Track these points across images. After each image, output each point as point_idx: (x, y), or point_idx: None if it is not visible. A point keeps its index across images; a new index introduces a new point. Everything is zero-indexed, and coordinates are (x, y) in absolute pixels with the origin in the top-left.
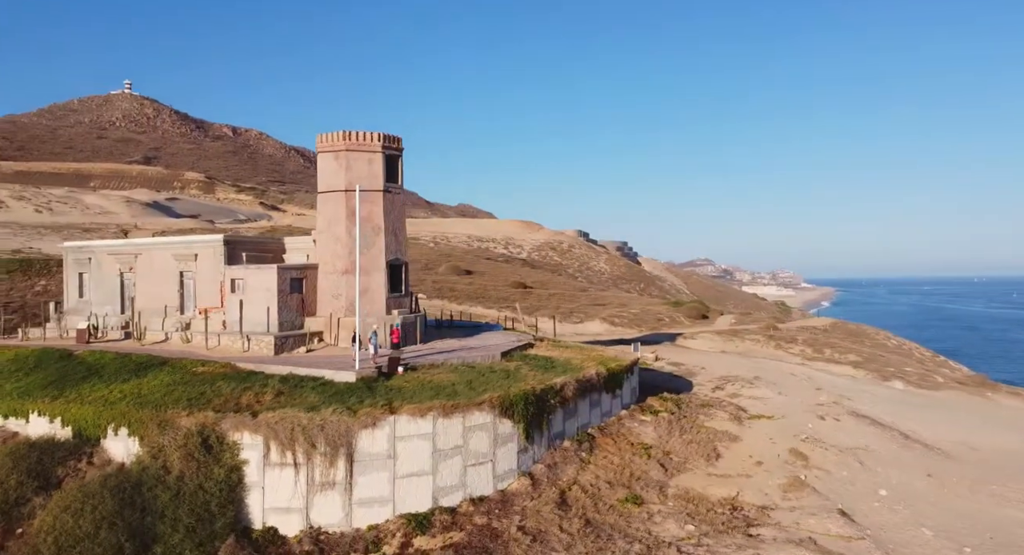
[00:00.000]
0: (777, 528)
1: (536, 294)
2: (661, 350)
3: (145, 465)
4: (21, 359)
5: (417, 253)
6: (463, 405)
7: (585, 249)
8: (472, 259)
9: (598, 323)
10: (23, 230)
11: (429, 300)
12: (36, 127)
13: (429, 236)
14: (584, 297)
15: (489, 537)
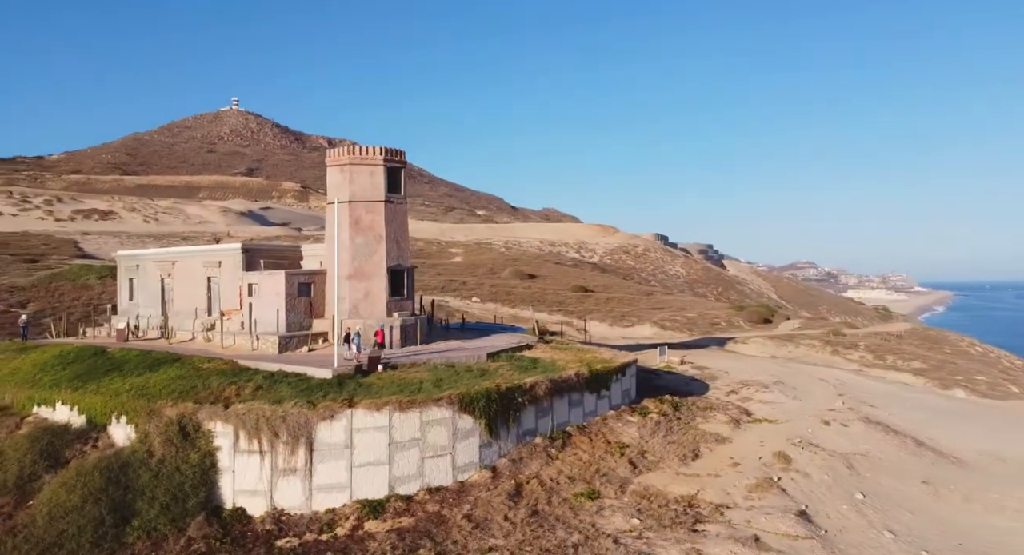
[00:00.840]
0: (725, 525)
1: (595, 298)
2: (698, 354)
3: (134, 449)
4: (64, 355)
5: (484, 258)
6: (420, 401)
7: (661, 252)
8: (539, 263)
9: (648, 327)
10: (129, 239)
11: (483, 303)
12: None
13: (501, 241)
14: (645, 301)
15: (435, 523)
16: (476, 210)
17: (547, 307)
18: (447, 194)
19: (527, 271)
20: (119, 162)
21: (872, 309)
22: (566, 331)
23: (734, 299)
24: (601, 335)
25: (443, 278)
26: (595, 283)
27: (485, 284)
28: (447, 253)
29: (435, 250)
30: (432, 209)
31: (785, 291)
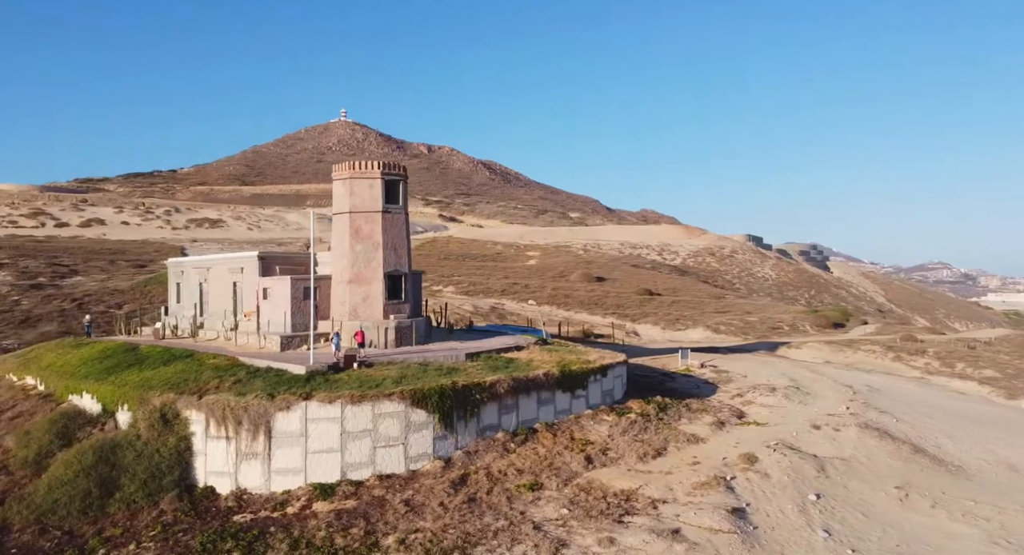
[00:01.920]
0: (652, 518)
1: (657, 301)
2: (731, 359)
3: (126, 432)
4: (104, 351)
5: (558, 261)
6: (372, 395)
7: (750, 254)
8: (614, 266)
9: (701, 330)
10: (230, 245)
11: (539, 306)
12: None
13: (581, 244)
14: (712, 304)
15: (375, 506)
16: (569, 212)
17: (603, 310)
18: (542, 197)
19: (598, 274)
20: (239, 173)
21: (1002, 314)
22: (615, 334)
23: (827, 302)
24: (650, 338)
25: (507, 281)
26: (666, 286)
27: (548, 287)
28: (523, 256)
29: (512, 253)
30: (524, 212)
31: (896, 294)
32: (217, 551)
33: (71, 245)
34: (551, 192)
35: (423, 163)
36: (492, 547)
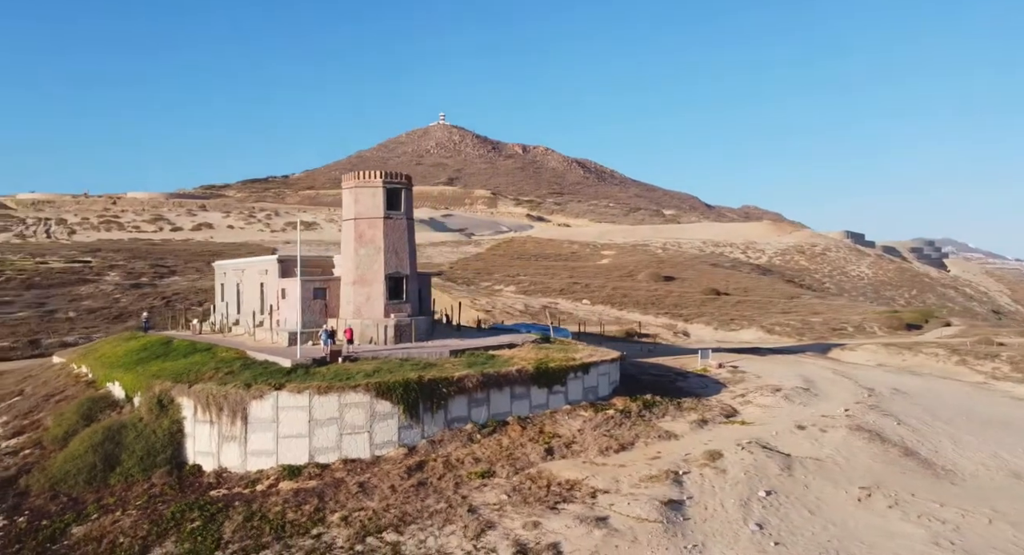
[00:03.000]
0: (585, 507)
1: (721, 301)
2: (760, 360)
3: (132, 415)
4: (146, 344)
5: (632, 260)
6: (338, 386)
7: (845, 252)
8: (689, 265)
9: (754, 331)
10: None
11: (592, 306)
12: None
13: (660, 243)
14: (780, 304)
15: (333, 486)
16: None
17: (659, 309)
18: (637, 195)
19: (668, 273)
20: None
21: None
22: (661, 334)
23: (930, 302)
24: (699, 338)
25: (569, 281)
26: (738, 285)
27: (609, 286)
28: (598, 255)
29: (587, 253)
30: (614, 211)
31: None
32: (184, 520)
33: (179, 248)
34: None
35: (517, 163)
36: (424, 526)
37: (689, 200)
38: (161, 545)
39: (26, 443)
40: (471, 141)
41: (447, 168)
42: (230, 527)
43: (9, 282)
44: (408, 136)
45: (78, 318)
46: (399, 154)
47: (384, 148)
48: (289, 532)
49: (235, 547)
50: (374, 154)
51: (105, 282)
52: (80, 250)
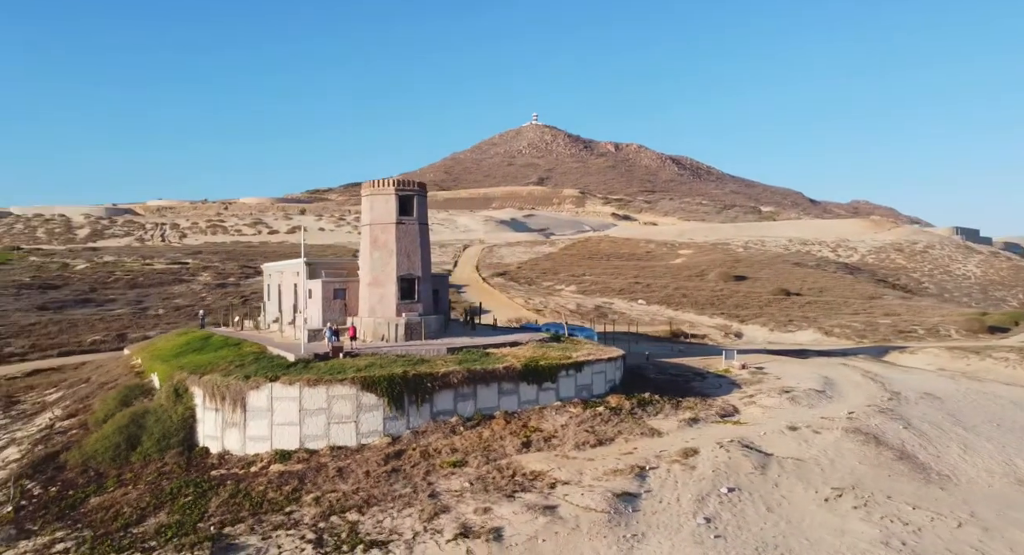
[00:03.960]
0: (541, 496)
1: (789, 301)
2: (790, 362)
3: (156, 402)
4: (192, 339)
5: (707, 259)
6: (326, 379)
7: (951, 249)
8: (767, 264)
9: (810, 333)
10: None
11: (648, 306)
12: (467, 161)
13: (742, 241)
14: (856, 305)
15: (315, 470)
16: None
17: (716, 310)
18: (733, 191)
19: (741, 273)
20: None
21: None
22: (710, 335)
23: None
24: (751, 339)
25: (631, 281)
26: (815, 285)
27: (671, 286)
28: (673, 254)
29: (663, 252)
30: (706, 208)
31: None
32: (180, 494)
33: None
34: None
35: (609, 161)
36: (385, 508)
37: (791, 196)
38: (155, 515)
39: (74, 424)
40: (563, 140)
41: (538, 168)
42: (216, 502)
43: (117, 282)
44: (501, 137)
45: (165, 315)
46: (491, 155)
47: (477, 150)
48: (265, 509)
49: (215, 520)
50: (467, 156)
51: (197, 282)
52: (184, 252)
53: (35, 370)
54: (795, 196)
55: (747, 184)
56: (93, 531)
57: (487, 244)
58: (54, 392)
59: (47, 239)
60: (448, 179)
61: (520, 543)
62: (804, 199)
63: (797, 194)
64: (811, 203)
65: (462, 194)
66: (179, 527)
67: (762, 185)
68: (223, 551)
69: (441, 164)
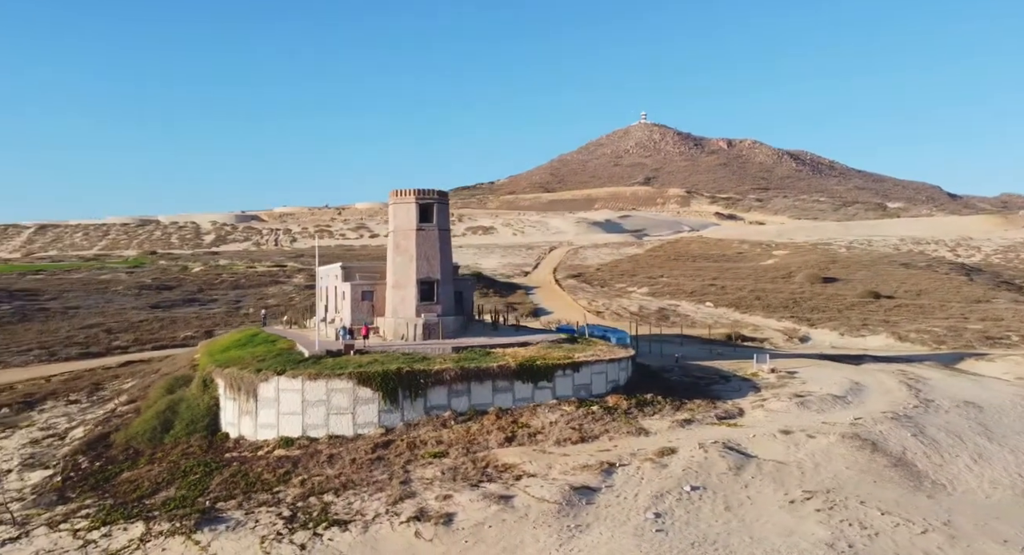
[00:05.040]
0: (503, 486)
1: (875, 305)
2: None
3: (190, 390)
4: (243, 336)
5: (801, 260)
6: (325, 373)
7: None
8: (867, 265)
9: (883, 338)
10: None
11: (715, 308)
12: (574, 162)
13: (846, 241)
14: (953, 309)
15: (309, 456)
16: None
17: (788, 313)
18: (858, 187)
19: (833, 275)
20: (543, 181)
21: None
22: (771, 338)
23: None
24: (817, 343)
25: (706, 283)
26: (916, 287)
27: (747, 289)
28: (767, 255)
29: (756, 253)
30: (822, 205)
31: None
32: (190, 473)
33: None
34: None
35: (720, 159)
36: (359, 492)
37: (927, 190)
38: (167, 490)
39: (131, 409)
40: (671, 139)
41: (645, 168)
42: (217, 480)
43: (222, 283)
44: (608, 138)
45: (254, 314)
46: (598, 156)
47: (584, 151)
48: (257, 488)
49: (213, 495)
50: (574, 157)
51: (290, 284)
52: (288, 256)
53: (128, 362)
54: (931, 190)
55: (875, 178)
56: (114, 500)
57: (574, 246)
58: (130, 381)
59: (179, 244)
60: (553, 181)
61: (467, 528)
62: (941, 194)
63: (933, 188)
64: (949, 198)
65: (565, 196)
66: (181, 501)
67: (893, 180)
68: (208, 521)
69: (548, 166)
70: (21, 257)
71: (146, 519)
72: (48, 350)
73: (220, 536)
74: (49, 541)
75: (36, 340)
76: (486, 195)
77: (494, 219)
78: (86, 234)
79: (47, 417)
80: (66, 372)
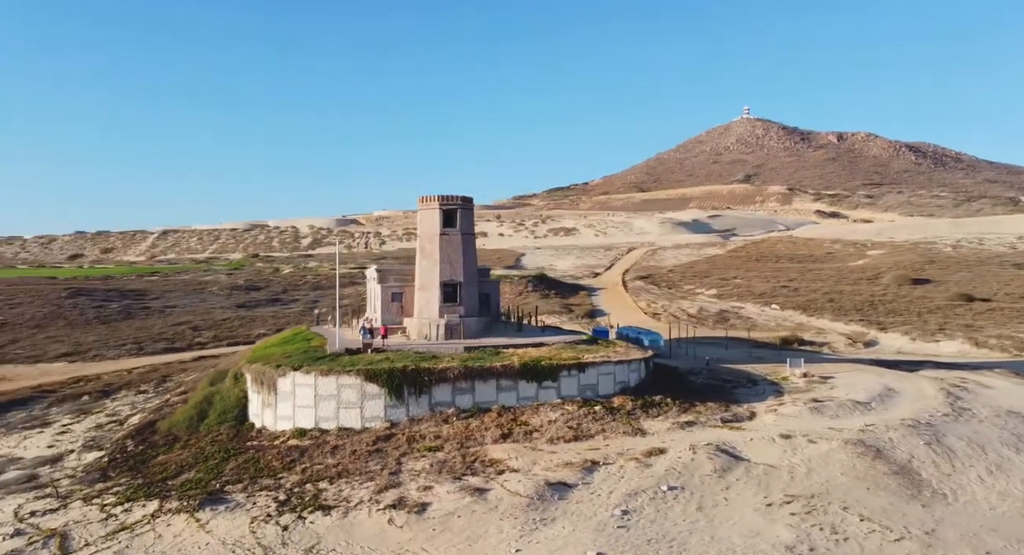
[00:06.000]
0: (483, 480)
1: (966, 308)
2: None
3: (224, 383)
4: (288, 334)
5: (896, 260)
6: (336, 370)
7: None
8: (966, 265)
9: (957, 344)
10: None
11: (782, 311)
12: (671, 161)
13: (953, 240)
14: None
15: (316, 446)
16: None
17: (861, 315)
18: (988, 180)
19: (927, 276)
20: (638, 181)
21: None
22: (832, 342)
23: None
24: (884, 348)
25: (779, 284)
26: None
27: (821, 290)
28: (860, 255)
29: (849, 252)
30: (941, 201)
31: None
32: (211, 458)
33: None
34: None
35: (829, 154)
36: (351, 480)
37: None
38: (188, 472)
39: (181, 400)
40: (776, 134)
41: (745, 165)
42: (231, 465)
43: (305, 284)
44: (708, 134)
45: (325, 313)
46: (696, 154)
47: (683, 149)
48: (263, 474)
49: (226, 478)
50: (671, 155)
51: (364, 285)
52: (372, 258)
53: (200, 357)
54: None
55: (1010, 170)
56: (143, 480)
57: (654, 247)
58: (193, 375)
59: (279, 247)
60: (648, 180)
61: (437, 517)
62: None
63: None
64: None
65: (659, 195)
66: (196, 482)
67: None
68: (212, 502)
69: (643, 165)
70: (145, 260)
71: (161, 497)
72: (139, 345)
73: (219, 515)
74: (80, 513)
75: (132, 336)
76: (579, 196)
77: (578, 220)
78: (200, 238)
79: (116, 405)
80: (146, 365)
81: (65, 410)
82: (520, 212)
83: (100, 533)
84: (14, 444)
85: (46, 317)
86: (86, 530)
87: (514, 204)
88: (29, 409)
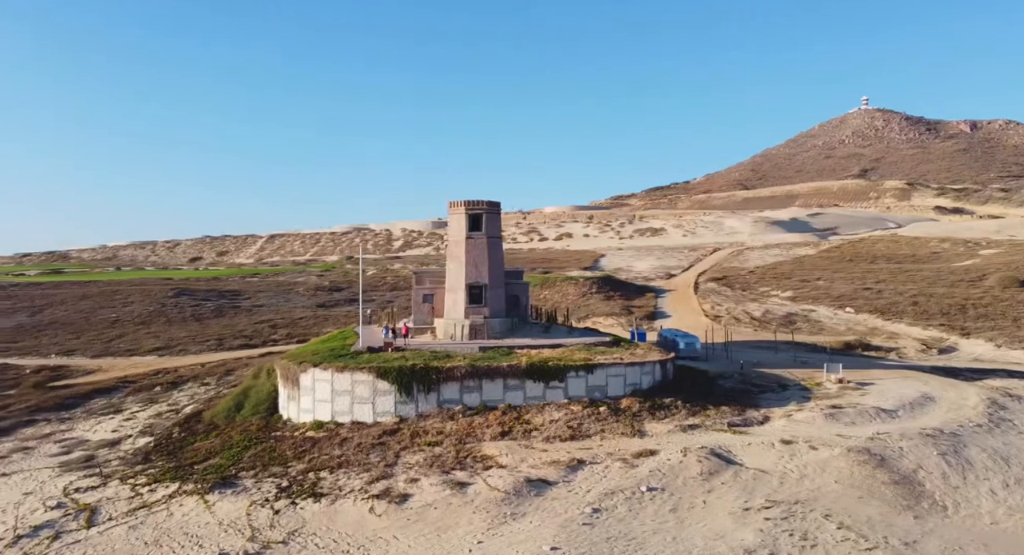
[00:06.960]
0: (469, 474)
1: None
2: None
3: (260, 378)
4: (338, 332)
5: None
6: (350, 366)
7: None
8: None
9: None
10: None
11: (856, 314)
12: (778, 157)
13: None
14: None
15: (328, 437)
16: None
17: (944, 320)
18: None
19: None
20: (742, 178)
21: None
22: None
23: None
24: (964, 355)
25: (859, 286)
26: None
27: (907, 293)
28: (969, 254)
29: (957, 252)
30: None
31: None
32: (236, 445)
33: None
34: None
35: (959, 144)
36: (348, 470)
37: None
38: (215, 458)
39: (228, 393)
40: (898, 124)
41: (862, 158)
42: (251, 453)
43: (384, 285)
44: (821, 128)
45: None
46: (807, 149)
47: (792, 143)
48: (276, 462)
49: (243, 465)
50: (779, 151)
51: None
52: None
53: (267, 353)
54: None
55: None
56: (175, 463)
57: (741, 247)
58: (250, 369)
59: (372, 250)
60: (754, 177)
61: (415, 508)
62: None
63: None
64: None
65: (763, 193)
66: (216, 468)
67: None
68: (222, 486)
69: (749, 162)
70: (252, 262)
71: (182, 480)
72: (220, 341)
73: (225, 498)
74: (114, 491)
75: (217, 333)
76: (678, 195)
77: (667, 220)
78: (303, 242)
79: (179, 396)
80: (220, 360)
81: (138, 399)
82: (612, 212)
83: (123, 509)
84: (88, 428)
85: (151, 315)
86: (114, 506)
87: (611, 204)
88: (110, 397)
